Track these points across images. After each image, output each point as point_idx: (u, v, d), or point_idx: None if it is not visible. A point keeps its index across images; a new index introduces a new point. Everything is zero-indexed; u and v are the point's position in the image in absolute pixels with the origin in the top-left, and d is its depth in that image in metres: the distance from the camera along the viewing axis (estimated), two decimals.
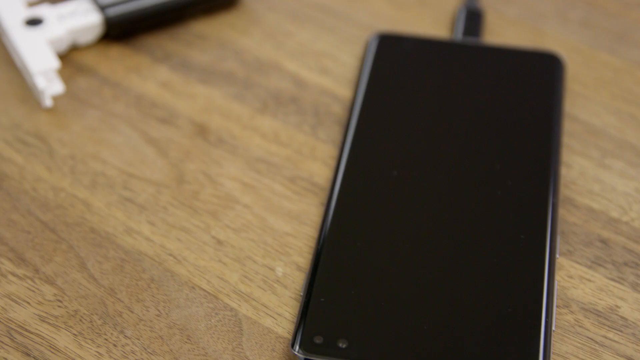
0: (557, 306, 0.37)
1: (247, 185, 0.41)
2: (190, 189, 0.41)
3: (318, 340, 0.35)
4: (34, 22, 0.45)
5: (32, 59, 0.43)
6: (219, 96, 0.44)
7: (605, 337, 0.36)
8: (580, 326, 0.36)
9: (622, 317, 0.37)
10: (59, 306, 0.37)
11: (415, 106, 0.43)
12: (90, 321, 0.36)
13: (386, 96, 0.43)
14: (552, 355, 0.35)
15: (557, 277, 0.38)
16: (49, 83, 0.43)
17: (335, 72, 0.45)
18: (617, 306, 0.37)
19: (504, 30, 0.47)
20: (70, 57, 0.45)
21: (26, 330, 0.36)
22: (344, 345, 0.34)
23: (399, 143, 0.41)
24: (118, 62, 0.45)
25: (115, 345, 0.35)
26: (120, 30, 0.46)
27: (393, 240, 0.38)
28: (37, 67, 0.43)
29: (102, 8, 0.45)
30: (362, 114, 0.42)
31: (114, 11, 0.45)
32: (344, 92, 0.44)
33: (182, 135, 0.43)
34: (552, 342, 0.35)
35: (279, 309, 0.37)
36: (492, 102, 0.43)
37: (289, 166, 0.42)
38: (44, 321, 0.36)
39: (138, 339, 0.36)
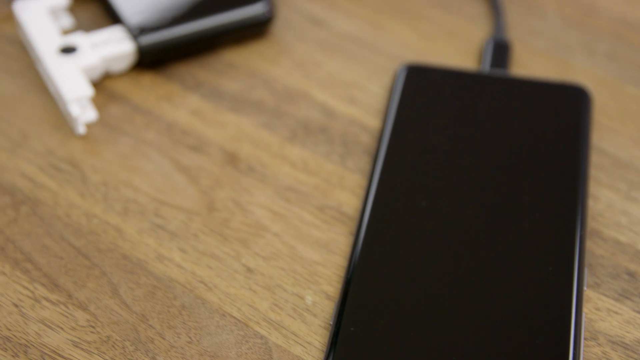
0: (584, 339, 0.37)
1: (276, 213, 0.41)
2: (220, 216, 0.41)
3: None
4: (68, 49, 0.45)
5: (66, 87, 0.44)
6: (249, 125, 0.45)
7: None
8: (607, 359, 0.37)
9: None
10: (91, 332, 0.37)
11: (444, 137, 0.43)
12: (123, 347, 0.37)
13: (414, 127, 0.44)
14: None
15: (585, 310, 0.38)
16: (82, 110, 0.44)
17: (364, 102, 0.46)
18: None
19: (531, 63, 0.48)
20: (103, 84, 0.46)
21: (59, 355, 0.36)
22: None
23: (428, 173, 0.42)
24: (150, 90, 0.46)
25: None
26: (152, 59, 0.46)
27: (422, 270, 0.38)
28: (71, 95, 0.43)
29: (135, 37, 0.46)
30: (391, 144, 0.43)
31: (147, 40, 0.46)
32: (373, 122, 0.45)
33: (212, 163, 0.43)
34: None
35: (308, 338, 0.37)
36: (519, 133, 0.43)
37: (318, 195, 0.42)
38: (77, 346, 0.37)
39: None
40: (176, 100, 0.46)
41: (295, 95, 0.46)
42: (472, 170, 0.42)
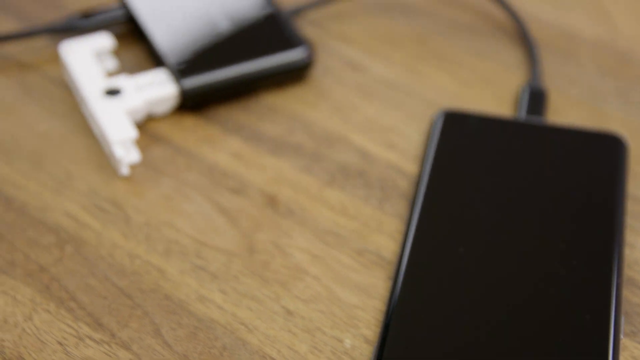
0: None
1: (316, 256, 0.42)
2: (260, 258, 0.42)
3: None
4: (112, 92, 0.46)
5: (110, 129, 0.45)
6: (288, 168, 0.46)
7: None
8: None
9: None
10: None
11: (481, 183, 0.44)
12: None
13: (452, 172, 0.44)
14: None
15: (621, 358, 0.38)
16: (126, 152, 0.45)
17: (402, 147, 0.47)
18: None
19: (566, 110, 0.48)
20: (145, 126, 0.47)
21: None
22: None
23: (465, 220, 0.42)
24: (191, 132, 0.47)
25: None
26: (194, 102, 0.47)
27: (460, 316, 0.39)
28: (116, 137, 0.44)
29: (178, 80, 0.47)
30: (429, 189, 0.43)
31: (189, 83, 0.47)
32: (410, 167, 0.46)
33: (252, 205, 0.44)
34: None
35: None
36: (556, 181, 0.44)
37: (357, 239, 0.43)
38: None
39: None
40: (217, 143, 0.47)
41: (334, 139, 0.47)
42: (509, 217, 0.42)
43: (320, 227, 0.43)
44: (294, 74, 0.49)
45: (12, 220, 0.43)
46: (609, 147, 0.45)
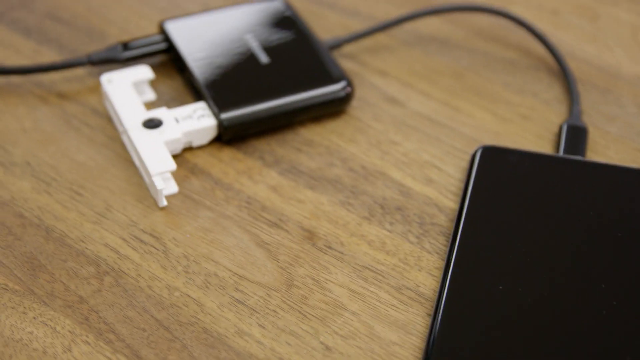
0: None
1: (354, 292, 0.42)
2: (299, 293, 0.42)
3: None
4: (153, 124, 0.47)
5: (151, 161, 0.45)
6: (326, 202, 0.46)
7: None
8: None
9: None
10: None
11: (520, 220, 0.44)
12: None
13: (491, 209, 0.44)
14: None
15: None
16: (165, 183, 0.45)
17: (440, 183, 0.46)
18: None
19: (605, 148, 0.48)
20: (183, 157, 0.47)
21: None
22: None
23: (504, 256, 0.42)
24: (230, 164, 0.47)
25: None
26: (233, 135, 0.48)
27: (500, 355, 0.38)
28: (156, 169, 0.44)
29: (218, 113, 0.47)
30: (467, 226, 0.43)
31: (228, 117, 0.47)
32: (449, 203, 0.46)
33: (291, 239, 0.44)
34: None
35: None
36: (595, 218, 0.44)
37: (395, 275, 0.43)
38: None
39: None
40: (255, 176, 0.47)
41: (372, 173, 0.47)
42: (548, 253, 0.42)
43: (359, 262, 0.43)
44: (333, 108, 0.49)
45: (52, 250, 0.43)
46: None
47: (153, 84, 0.51)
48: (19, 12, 0.55)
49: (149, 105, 0.49)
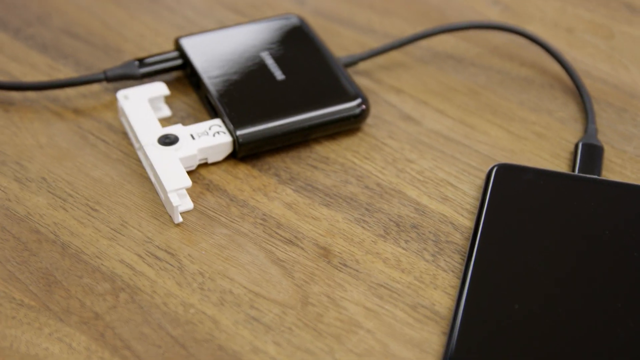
0: None
1: (369, 310, 0.42)
2: (314, 311, 0.42)
3: None
4: (169, 140, 0.47)
5: (167, 177, 0.45)
6: (342, 220, 0.46)
7: None
8: None
9: None
10: None
11: (535, 238, 0.44)
12: None
13: (506, 227, 0.44)
14: None
15: None
16: (180, 200, 0.45)
17: (455, 201, 0.46)
18: None
19: (621, 168, 0.48)
20: (198, 173, 0.47)
21: None
22: None
23: (520, 275, 0.42)
24: (245, 181, 0.47)
25: None
26: (248, 152, 0.48)
27: None
28: (172, 186, 0.44)
29: (234, 130, 0.47)
30: (482, 244, 0.43)
31: (244, 133, 0.47)
32: (464, 221, 0.46)
33: (306, 257, 0.44)
34: None
35: None
36: (611, 236, 0.44)
37: (411, 293, 0.43)
38: None
39: None
40: (271, 193, 0.47)
41: (387, 191, 0.47)
42: (564, 272, 0.42)
43: (374, 280, 0.43)
44: (348, 126, 0.49)
45: (68, 266, 0.43)
46: None
47: (168, 100, 0.51)
48: (36, 28, 0.55)
49: (164, 122, 0.50)
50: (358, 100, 0.49)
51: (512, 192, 0.46)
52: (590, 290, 0.41)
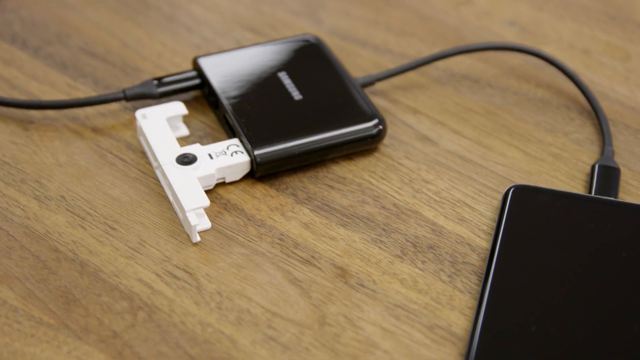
0: None
1: (386, 330, 0.42)
2: (331, 331, 0.42)
3: None
4: (187, 160, 0.47)
5: (185, 197, 0.45)
6: (358, 240, 0.46)
7: None
8: None
9: None
10: None
11: (552, 261, 0.44)
12: None
13: (523, 249, 0.44)
14: None
15: None
16: (198, 219, 0.45)
17: (472, 222, 0.47)
18: None
19: (638, 190, 0.48)
20: (216, 192, 0.48)
21: None
22: None
23: (536, 296, 0.42)
24: (262, 201, 0.47)
25: None
26: (266, 172, 0.48)
27: None
28: (190, 205, 0.45)
29: (251, 150, 0.47)
30: (499, 265, 0.43)
31: (262, 153, 0.47)
32: (481, 242, 0.46)
33: (323, 277, 0.44)
34: None
35: None
36: (628, 259, 0.44)
37: (428, 314, 0.43)
38: None
39: None
40: (288, 212, 0.47)
41: (404, 212, 0.47)
42: (580, 294, 0.42)
43: (391, 300, 0.43)
44: (365, 146, 0.49)
45: (86, 285, 0.43)
46: None
47: (185, 119, 0.51)
48: (55, 47, 0.55)
49: (182, 141, 0.50)
50: (375, 121, 0.49)
51: (528, 213, 0.46)
52: (608, 312, 0.41)
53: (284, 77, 0.51)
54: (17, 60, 0.54)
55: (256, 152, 0.47)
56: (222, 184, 0.48)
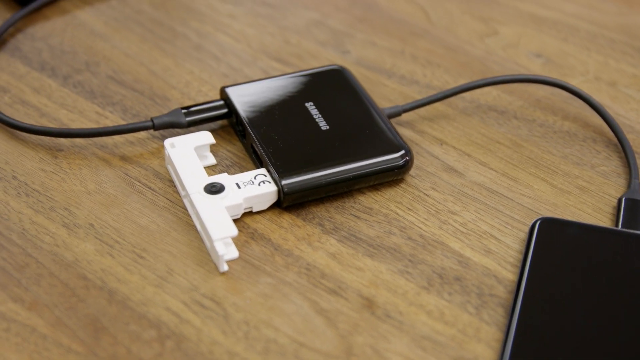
0: None
1: None
2: None
3: None
4: (215, 189, 0.47)
5: (213, 226, 0.45)
6: (385, 271, 0.46)
7: None
8: None
9: None
10: None
11: (580, 294, 0.44)
12: None
13: (550, 282, 0.44)
14: None
15: None
16: (226, 248, 0.45)
17: (498, 254, 0.47)
18: None
19: None
20: (243, 221, 0.48)
21: None
22: None
23: (563, 331, 0.42)
24: (289, 231, 0.47)
25: None
26: (293, 201, 0.48)
27: None
28: (218, 235, 0.45)
29: (278, 179, 0.48)
30: (526, 298, 0.43)
31: (289, 183, 0.48)
32: (507, 274, 0.46)
33: (350, 307, 0.44)
34: None
35: None
36: None
37: (454, 346, 0.43)
38: None
39: None
40: (315, 242, 0.47)
41: (430, 243, 0.47)
42: (608, 328, 0.42)
43: (418, 332, 0.43)
44: (392, 177, 0.49)
45: (115, 313, 0.43)
46: None
47: (213, 147, 0.51)
48: (84, 75, 0.56)
49: (209, 170, 0.50)
50: (402, 152, 0.49)
51: (555, 246, 0.46)
52: (636, 346, 0.41)
53: (311, 107, 0.51)
54: (46, 88, 0.55)
55: (283, 182, 0.48)
56: (249, 213, 0.48)
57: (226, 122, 0.53)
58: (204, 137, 0.50)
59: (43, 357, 0.42)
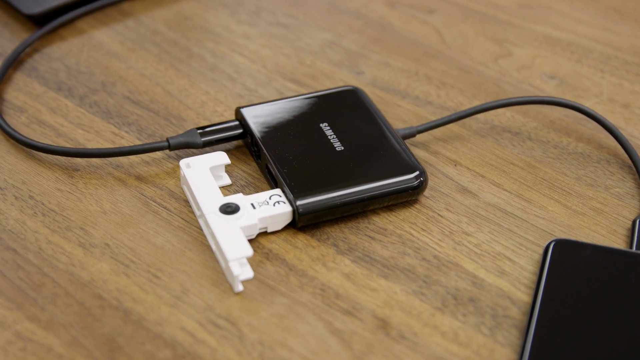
0: None
1: None
2: None
3: None
4: (230, 209, 0.47)
5: (228, 246, 0.46)
6: (399, 291, 0.46)
7: None
8: None
9: None
10: None
11: (594, 316, 0.44)
12: None
13: (564, 304, 0.44)
14: None
15: None
16: (241, 269, 0.46)
17: (513, 275, 0.47)
18: None
19: None
20: (258, 241, 0.48)
21: None
22: None
23: (578, 353, 0.42)
24: (304, 251, 0.48)
25: None
26: (308, 222, 0.48)
27: None
28: (233, 255, 0.45)
29: (293, 200, 0.48)
30: (541, 320, 0.43)
31: (304, 204, 0.48)
32: (522, 296, 0.46)
33: (364, 328, 0.44)
34: None
35: None
36: None
37: None
38: None
39: None
40: (329, 263, 0.47)
41: (444, 264, 0.47)
42: (623, 350, 0.42)
43: (432, 353, 0.43)
44: (406, 197, 0.50)
45: (130, 333, 0.44)
46: None
47: (228, 168, 0.52)
48: (100, 96, 0.56)
49: (224, 190, 0.50)
50: (416, 173, 0.49)
51: (570, 267, 0.46)
52: None
53: (325, 127, 0.52)
54: (62, 108, 0.55)
55: (298, 203, 0.48)
56: (263, 234, 0.48)
57: (241, 142, 0.53)
58: (220, 158, 0.50)
59: None
